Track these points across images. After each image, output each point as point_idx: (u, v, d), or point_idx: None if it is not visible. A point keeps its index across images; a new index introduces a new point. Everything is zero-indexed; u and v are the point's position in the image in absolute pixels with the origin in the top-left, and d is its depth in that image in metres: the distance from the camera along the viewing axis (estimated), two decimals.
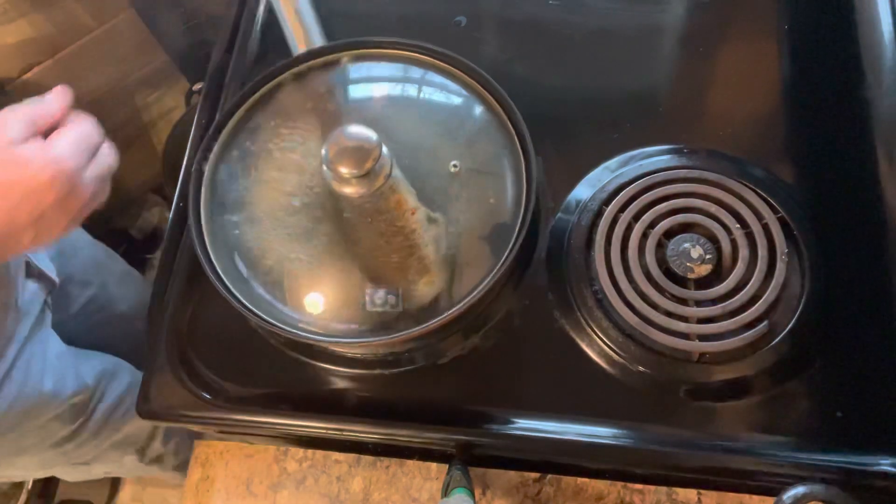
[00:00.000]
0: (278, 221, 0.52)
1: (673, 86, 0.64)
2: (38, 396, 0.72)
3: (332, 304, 0.51)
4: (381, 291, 0.50)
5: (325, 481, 0.56)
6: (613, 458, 0.52)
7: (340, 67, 0.57)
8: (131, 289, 0.99)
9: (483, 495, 0.54)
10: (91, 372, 0.82)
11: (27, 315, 0.72)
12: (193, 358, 0.57)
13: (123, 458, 0.97)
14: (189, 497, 0.58)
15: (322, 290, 0.51)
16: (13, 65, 0.99)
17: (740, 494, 0.53)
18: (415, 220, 0.50)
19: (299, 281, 0.51)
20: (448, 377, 0.54)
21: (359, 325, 0.50)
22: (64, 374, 0.77)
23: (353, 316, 0.50)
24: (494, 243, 0.51)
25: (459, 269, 0.51)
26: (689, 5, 0.68)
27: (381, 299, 0.50)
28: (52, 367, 0.75)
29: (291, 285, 0.51)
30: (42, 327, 0.75)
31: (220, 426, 0.57)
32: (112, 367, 0.87)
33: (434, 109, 0.56)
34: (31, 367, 0.71)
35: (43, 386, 0.73)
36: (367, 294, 0.50)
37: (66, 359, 0.79)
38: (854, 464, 0.49)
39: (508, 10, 0.68)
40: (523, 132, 0.53)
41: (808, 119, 0.61)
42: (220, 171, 0.55)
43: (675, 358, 0.52)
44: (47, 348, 0.75)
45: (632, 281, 0.53)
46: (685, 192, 0.56)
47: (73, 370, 0.79)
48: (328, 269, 0.51)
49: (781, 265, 0.52)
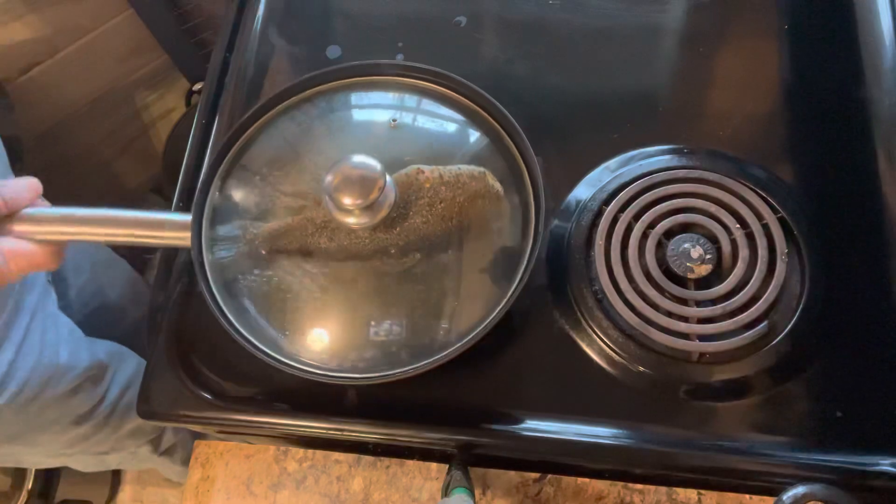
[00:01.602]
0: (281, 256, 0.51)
1: (673, 86, 0.64)
2: (55, 367, 0.73)
3: (334, 336, 0.50)
4: (385, 322, 0.49)
5: (325, 481, 0.56)
6: (613, 458, 0.52)
7: (333, 95, 0.56)
8: (118, 275, 1.00)
9: (483, 495, 0.54)
10: (103, 350, 0.84)
11: (33, 285, 0.73)
12: (193, 358, 0.57)
13: (139, 450, 0.99)
14: (189, 497, 0.58)
15: (324, 320, 0.50)
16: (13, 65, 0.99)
17: (740, 494, 0.53)
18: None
19: (298, 305, 0.50)
20: (448, 377, 0.53)
21: (360, 354, 0.49)
22: (78, 348, 0.78)
23: (356, 345, 0.49)
24: (497, 272, 0.50)
25: (461, 297, 0.49)
26: (689, 5, 0.68)
27: (385, 330, 0.49)
28: (65, 341, 0.76)
29: (290, 309, 0.50)
30: (49, 301, 0.77)
31: (221, 426, 0.57)
32: (118, 349, 0.89)
33: (437, 136, 0.55)
34: (45, 338, 0.72)
35: (59, 357, 0.74)
36: (371, 325, 0.49)
37: (78, 335, 0.80)
38: (854, 464, 0.49)
39: (508, 10, 0.68)
40: (531, 159, 0.51)
41: (808, 119, 0.61)
42: (220, 206, 0.54)
43: (675, 358, 0.52)
44: (59, 323, 0.77)
45: (632, 281, 0.53)
46: (685, 192, 0.56)
47: (86, 344, 0.81)
48: (330, 298, 0.50)
49: (781, 265, 0.52)
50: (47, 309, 0.76)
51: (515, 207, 0.51)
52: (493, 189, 0.50)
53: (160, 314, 0.59)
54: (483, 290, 0.49)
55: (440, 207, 0.49)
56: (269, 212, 0.52)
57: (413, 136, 0.54)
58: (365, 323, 0.49)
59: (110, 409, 0.85)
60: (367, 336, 0.49)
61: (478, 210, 0.50)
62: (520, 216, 0.51)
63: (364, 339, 0.49)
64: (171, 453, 1.07)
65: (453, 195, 0.49)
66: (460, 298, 0.49)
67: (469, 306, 0.49)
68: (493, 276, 0.50)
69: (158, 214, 0.50)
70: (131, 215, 0.50)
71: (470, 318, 0.49)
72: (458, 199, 0.49)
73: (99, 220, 0.49)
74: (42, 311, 0.74)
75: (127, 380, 0.87)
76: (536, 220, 0.50)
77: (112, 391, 0.85)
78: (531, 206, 0.51)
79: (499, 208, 0.51)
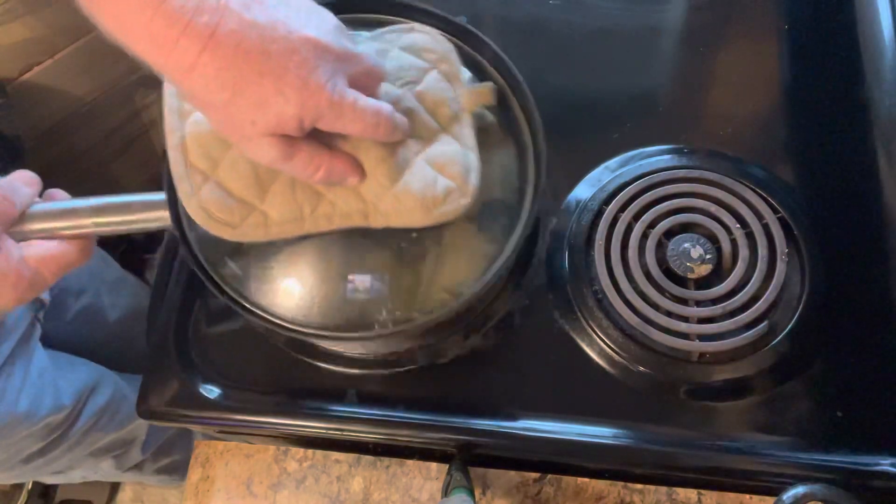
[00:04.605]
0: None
1: (673, 86, 0.64)
2: (10, 417, 0.71)
3: (323, 296, 0.46)
4: (367, 278, 0.45)
5: (325, 481, 0.56)
6: (613, 458, 0.52)
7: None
8: (123, 295, 0.99)
9: (483, 495, 0.54)
10: (71, 388, 0.81)
11: (12, 333, 0.72)
12: (193, 358, 0.57)
13: (99, 465, 0.97)
14: (189, 497, 0.58)
15: (313, 280, 0.47)
16: (13, 65, 0.99)
17: (740, 494, 0.52)
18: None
19: (287, 272, 0.47)
20: (448, 377, 0.53)
21: (345, 316, 0.45)
22: (42, 394, 0.76)
23: (341, 309, 0.46)
24: (492, 229, 0.47)
25: (447, 256, 0.46)
26: (689, 5, 0.68)
27: (363, 285, 0.45)
28: (30, 387, 0.74)
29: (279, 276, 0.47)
30: (28, 343, 0.75)
31: (221, 426, 0.57)
32: (94, 379, 0.86)
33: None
34: (7, 389, 0.71)
35: (18, 407, 0.72)
36: (350, 281, 0.45)
37: (47, 376, 0.78)
38: (854, 464, 0.49)
39: (509, 10, 0.68)
40: (530, 107, 0.49)
41: (808, 119, 0.61)
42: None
43: (676, 358, 0.52)
44: (29, 365, 0.75)
45: (632, 281, 0.53)
46: (685, 192, 0.56)
47: (52, 388, 0.78)
48: (321, 259, 0.46)
49: (781, 265, 0.52)
50: (21, 353, 0.73)
51: (511, 155, 0.49)
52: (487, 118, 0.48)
53: (160, 314, 0.59)
54: (476, 248, 0.46)
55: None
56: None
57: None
58: (365, 281, 0.46)
59: (67, 446, 0.83)
60: (363, 295, 0.46)
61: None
62: (515, 165, 0.49)
63: (360, 299, 0.46)
64: (140, 468, 1.04)
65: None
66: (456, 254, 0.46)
67: (463, 264, 0.46)
68: (488, 234, 0.47)
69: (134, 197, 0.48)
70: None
71: (462, 275, 0.46)
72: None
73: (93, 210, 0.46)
74: (14, 358, 0.72)
75: (94, 414, 0.85)
76: (537, 163, 0.48)
77: (70, 433, 0.82)
78: (529, 150, 0.49)
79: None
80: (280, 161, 0.39)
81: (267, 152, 0.38)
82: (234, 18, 0.34)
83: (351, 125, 0.39)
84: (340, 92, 0.37)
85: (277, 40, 0.35)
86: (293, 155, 0.39)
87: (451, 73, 0.47)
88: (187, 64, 0.34)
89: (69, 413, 0.81)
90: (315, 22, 0.37)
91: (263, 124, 0.36)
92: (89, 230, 0.46)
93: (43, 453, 0.81)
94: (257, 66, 0.34)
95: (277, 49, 0.35)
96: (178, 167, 0.44)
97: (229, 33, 0.34)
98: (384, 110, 0.40)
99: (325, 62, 0.36)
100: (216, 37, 0.33)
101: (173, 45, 0.33)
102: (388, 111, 0.40)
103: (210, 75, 0.34)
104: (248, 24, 0.34)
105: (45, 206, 0.45)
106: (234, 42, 0.34)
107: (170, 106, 0.45)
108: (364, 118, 0.39)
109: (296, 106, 0.36)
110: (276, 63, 0.35)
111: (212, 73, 0.34)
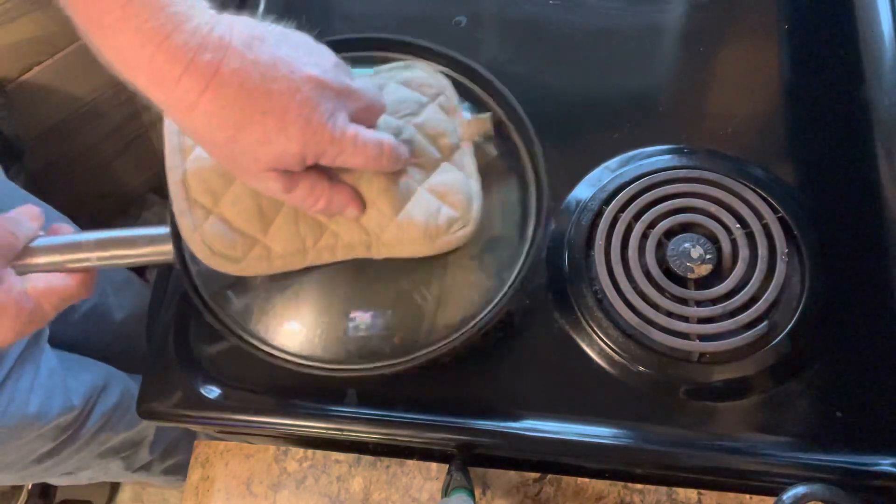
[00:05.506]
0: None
1: (673, 86, 0.64)
2: (21, 418, 0.71)
3: (320, 328, 0.47)
4: (367, 315, 0.46)
5: (325, 481, 0.56)
6: (613, 458, 0.52)
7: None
8: (129, 296, 0.99)
9: (483, 495, 0.54)
10: (80, 389, 0.81)
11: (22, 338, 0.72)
12: (194, 358, 0.57)
13: (109, 465, 0.97)
14: (189, 497, 0.58)
15: (309, 314, 0.48)
16: (13, 65, 0.99)
17: (740, 494, 0.52)
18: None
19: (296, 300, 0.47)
20: (448, 377, 0.53)
21: (346, 350, 0.46)
22: (51, 395, 0.76)
23: (340, 340, 0.47)
24: (491, 259, 0.48)
25: (448, 290, 0.47)
26: (689, 5, 0.67)
27: (365, 323, 0.46)
28: (40, 388, 0.74)
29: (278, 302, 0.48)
30: (36, 345, 0.75)
31: (221, 426, 0.57)
32: (103, 380, 0.87)
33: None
34: (17, 390, 0.71)
35: (28, 408, 0.72)
36: (351, 318, 0.46)
37: (57, 377, 0.78)
38: (854, 464, 0.49)
39: (508, 10, 0.68)
40: (531, 136, 0.50)
41: (808, 119, 0.61)
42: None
43: (675, 358, 0.52)
44: (39, 367, 0.75)
45: (632, 281, 0.53)
46: (685, 192, 0.56)
47: (61, 389, 0.78)
48: (318, 291, 0.47)
49: (781, 265, 0.52)
50: (30, 356, 0.73)
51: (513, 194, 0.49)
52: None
53: (160, 314, 0.59)
54: (475, 280, 0.47)
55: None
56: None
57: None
58: (370, 314, 0.47)
59: (77, 446, 0.83)
60: (365, 330, 0.47)
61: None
62: (518, 205, 0.49)
63: (362, 333, 0.47)
64: (148, 468, 1.05)
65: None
66: (454, 289, 0.47)
67: (460, 300, 0.47)
68: (485, 264, 0.47)
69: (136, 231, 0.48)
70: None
71: (463, 310, 0.47)
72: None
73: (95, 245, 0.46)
74: (23, 360, 0.72)
75: (103, 414, 0.85)
76: (539, 200, 0.48)
77: (81, 433, 0.83)
78: (531, 187, 0.49)
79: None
80: (281, 193, 0.39)
81: (268, 186, 0.39)
82: (236, 57, 0.34)
83: (352, 159, 0.39)
84: (342, 128, 0.38)
85: (279, 79, 0.35)
86: (294, 187, 0.39)
87: (448, 106, 0.48)
88: (189, 102, 0.34)
89: (79, 413, 0.81)
90: (315, 59, 0.38)
91: (266, 161, 0.37)
92: (92, 264, 0.46)
93: (53, 454, 0.81)
94: (260, 105, 0.35)
95: (279, 88, 0.35)
96: (180, 203, 0.44)
97: (232, 73, 0.34)
98: (386, 141, 0.41)
99: (327, 99, 0.37)
100: (219, 76, 0.33)
101: (175, 83, 0.33)
102: (389, 141, 0.41)
103: (212, 114, 0.34)
104: (251, 62, 0.34)
105: (49, 241, 0.45)
106: (236, 81, 0.34)
107: (171, 144, 0.45)
108: (366, 151, 0.39)
109: (299, 144, 0.36)
110: (279, 102, 0.35)
111: (214, 111, 0.34)
